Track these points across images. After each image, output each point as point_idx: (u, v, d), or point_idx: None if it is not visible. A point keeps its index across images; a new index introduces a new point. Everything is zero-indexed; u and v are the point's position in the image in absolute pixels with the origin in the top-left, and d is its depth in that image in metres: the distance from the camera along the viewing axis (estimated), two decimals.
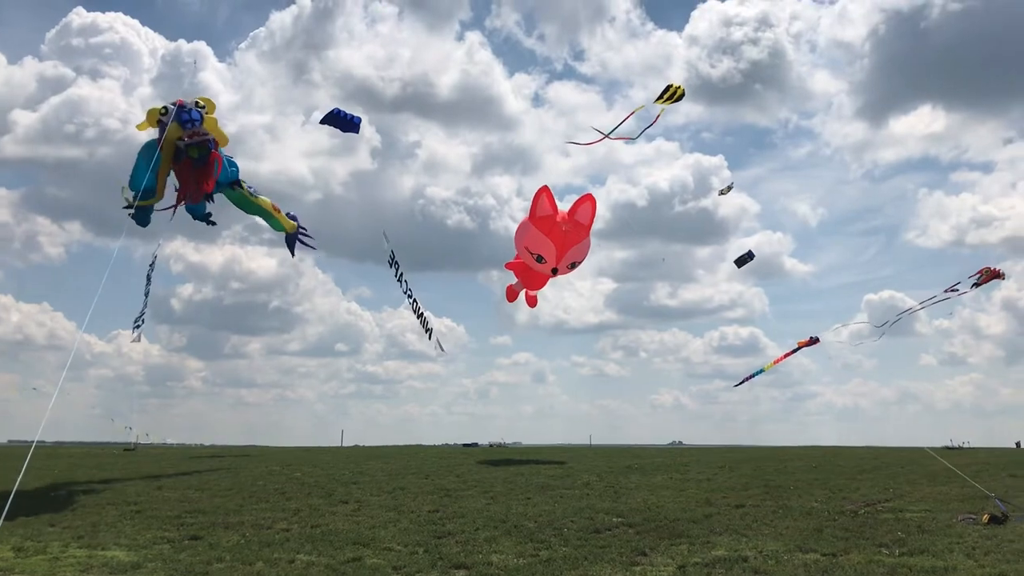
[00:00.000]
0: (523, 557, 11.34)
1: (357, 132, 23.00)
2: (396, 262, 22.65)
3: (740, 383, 33.38)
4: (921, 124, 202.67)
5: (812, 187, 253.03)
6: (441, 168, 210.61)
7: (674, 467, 30.83)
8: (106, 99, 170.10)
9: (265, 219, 25.73)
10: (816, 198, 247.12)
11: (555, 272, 21.13)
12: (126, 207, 23.32)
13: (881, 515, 15.54)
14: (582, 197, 20.28)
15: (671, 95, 19.38)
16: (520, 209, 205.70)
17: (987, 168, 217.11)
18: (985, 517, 14.24)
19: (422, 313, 23.49)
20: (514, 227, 21.77)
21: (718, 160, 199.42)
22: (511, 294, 23.63)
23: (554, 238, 20.11)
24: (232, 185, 24.51)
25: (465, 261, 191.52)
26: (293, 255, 27.15)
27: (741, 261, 25.35)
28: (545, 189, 20.29)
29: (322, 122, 23.01)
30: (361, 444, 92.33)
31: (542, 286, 23.41)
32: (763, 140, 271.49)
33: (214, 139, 23.42)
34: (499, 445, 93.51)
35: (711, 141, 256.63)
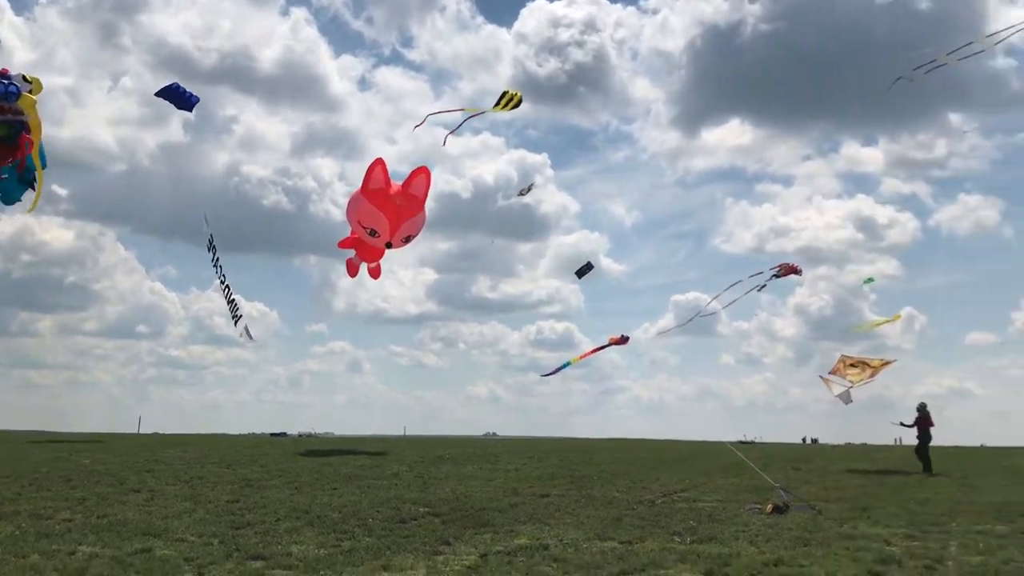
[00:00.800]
0: (324, 548, 11.14)
1: (191, 111, 21.76)
2: (214, 247, 21.57)
3: (549, 374, 34.32)
4: (731, 136, 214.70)
5: (629, 190, 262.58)
6: (259, 146, 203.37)
7: (485, 457, 31.26)
8: None
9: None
10: (632, 201, 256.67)
11: (389, 246, 20.62)
12: None
13: (677, 505, 16.34)
14: (416, 170, 19.89)
15: (508, 101, 19.50)
16: (342, 194, 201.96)
17: (787, 182, 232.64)
18: (769, 507, 15.23)
19: (233, 299, 22.56)
20: (336, 212, 21.34)
21: (542, 158, 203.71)
22: (351, 268, 22.92)
23: (388, 212, 19.59)
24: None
25: (281, 244, 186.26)
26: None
27: (581, 272, 25.78)
28: (379, 162, 19.75)
29: (157, 94, 21.64)
30: (161, 431, 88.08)
31: (380, 257, 22.83)
32: (585, 142, 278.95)
33: (27, 124, 21.45)
34: (309, 435, 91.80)
35: (536, 139, 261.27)
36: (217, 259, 21.69)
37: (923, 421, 28.36)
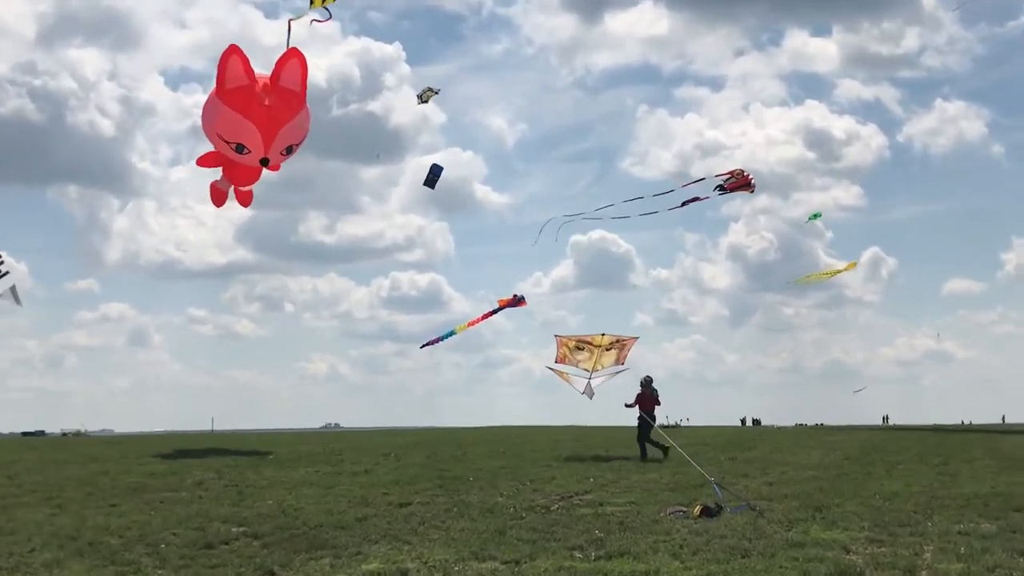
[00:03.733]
0: None
1: None
2: None
3: (426, 344, 34.18)
4: (642, 24, 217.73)
5: (511, 95, 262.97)
6: None
7: (323, 456, 31.24)
8: None
9: None
10: (516, 110, 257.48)
11: (266, 163, 19.74)
12: None
13: (578, 510, 16.69)
14: (286, 54, 19.03)
15: None
16: (113, 98, 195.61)
17: (716, 84, 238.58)
18: (697, 509, 15.70)
19: None
20: (102, 122, 20.26)
21: (394, 50, 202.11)
22: (217, 196, 21.86)
23: (256, 118, 18.66)
24: None
25: (28, 169, 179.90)
26: None
27: (430, 180, 25.40)
28: (234, 49, 18.79)
29: None
30: None
31: (255, 180, 21.87)
32: (450, 29, 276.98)
33: None
34: (78, 434, 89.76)
35: (383, 25, 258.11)
36: None
37: (646, 399, 30.35)
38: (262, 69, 18.50)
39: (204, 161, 20.69)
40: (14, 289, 20.70)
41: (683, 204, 21.80)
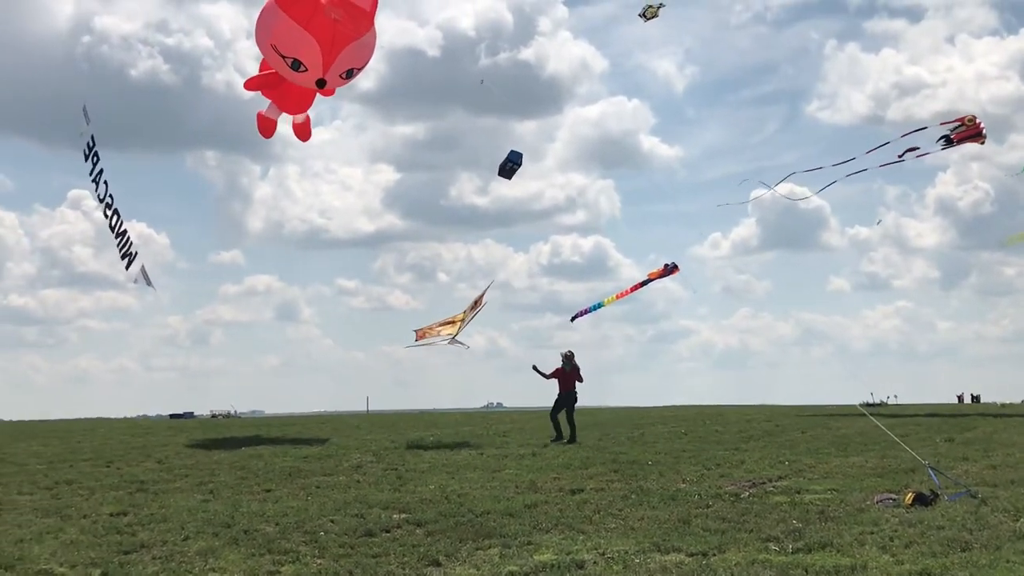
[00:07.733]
0: (256, 575, 11.32)
1: None
2: (96, 154, 21.39)
3: (576, 316, 34.80)
4: None
5: (680, 35, 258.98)
6: None
7: (487, 439, 31.63)
8: None
9: None
10: (685, 52, 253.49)
11: (322, 84, 19.90)
12: None
13: (772, 498, 16.55)
14: None
15: None
16: (252, 57, 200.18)
17: (914, 15, 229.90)
18: (909, 497, 15.40)
19: (125, 231, 22.49)
20: (240, 83, 20.58)
21: None
22: (265, 125, 22.25)
23: (318, 31, 18.76)
24: None
25: (164, 135, 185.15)
26: None
27: (508, 171, 24.83)
28: None
29: None
30: (4, 418, 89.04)
31: (307, 107, 22.18)
32: None
33: None
34: (227, 416, 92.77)
35: None
36: (100, 172, 21.55)
37: (565, 377, 30.30)
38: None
39: (251, 84, 20.89)
40: (144, 271, 21.41)
41: (900, 156, 21.29)
